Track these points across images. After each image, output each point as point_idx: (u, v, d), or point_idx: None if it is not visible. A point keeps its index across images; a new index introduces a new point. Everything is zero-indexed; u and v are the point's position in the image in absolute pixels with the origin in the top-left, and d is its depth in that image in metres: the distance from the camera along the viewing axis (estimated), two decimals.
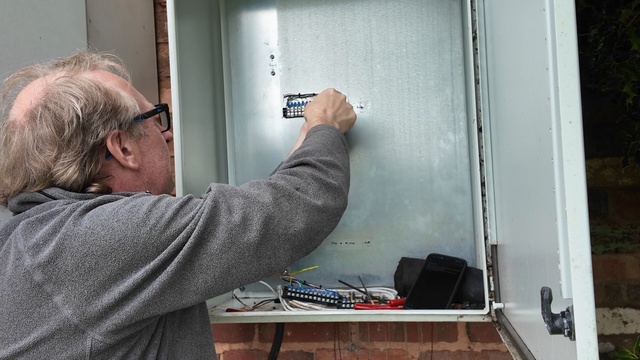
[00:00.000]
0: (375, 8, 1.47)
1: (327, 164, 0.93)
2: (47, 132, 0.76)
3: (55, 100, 0.77)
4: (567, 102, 0.62)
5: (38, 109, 0.77)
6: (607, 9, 1.16)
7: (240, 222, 0.75)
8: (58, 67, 0.83)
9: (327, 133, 1.07)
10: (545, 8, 0.66)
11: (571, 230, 0.61)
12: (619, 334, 1.47)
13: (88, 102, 0.78)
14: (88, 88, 0.79)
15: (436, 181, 1.45)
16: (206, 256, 0.72)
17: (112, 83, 0.84)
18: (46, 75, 0.82)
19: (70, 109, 0.77)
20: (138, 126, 0.85)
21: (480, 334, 1.49)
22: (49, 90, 0.78)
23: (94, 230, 0.68)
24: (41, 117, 0.76)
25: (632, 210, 1.46)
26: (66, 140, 0.76)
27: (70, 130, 0.76)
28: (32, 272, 0.67)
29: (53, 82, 0.80)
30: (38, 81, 0.81)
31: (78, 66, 0.83)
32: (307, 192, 0.84)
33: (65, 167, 0.76)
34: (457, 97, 1.44)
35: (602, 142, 1.46)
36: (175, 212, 0.72)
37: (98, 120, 0.79)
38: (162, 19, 1.63)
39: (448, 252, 1.43)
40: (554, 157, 0.65)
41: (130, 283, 0.68)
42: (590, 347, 0.60)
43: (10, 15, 1.11)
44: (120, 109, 0.82)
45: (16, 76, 0.84)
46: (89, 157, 0.78)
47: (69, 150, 0.76)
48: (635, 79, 1.11)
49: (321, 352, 1.56)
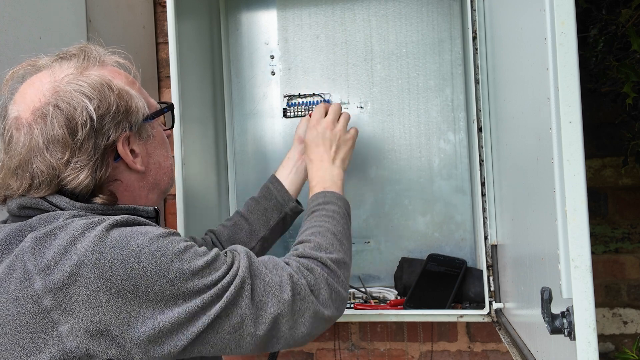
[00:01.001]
0: (375, 8, 1.47)
1: (338, 264, 0.89)
2: (59, 134, 0.72)
3: (67, 100, 0.73)
4: (567, 102, 0.62)
5: (48, 109, 0.73)
6: (607, 9, 1.16)
7: (255, 311, 0.73)
8: (64, 61, 0.79)
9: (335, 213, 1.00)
10: (545, 8, 0.66)
11: (571, 230, 0.61)
12: (619, 334, 1.47)
13: (101, 103, 0.75)
14: (100, 88, 0.76)
15: (436, 181, 1.45)
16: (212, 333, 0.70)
17: (122, 82, 0.81)
18: (53, 68, 0.77)
19: (84, 111, 0.73)
20: (146, 127, 0.83)
21: (480, 334, 1.49)
22: (59, 88, 0.74)
23: (112, 266, 0.65)
24: (52, 118, 0.72)
25: (632, 210, 1.46)
26: (79, 143, 0.73)
27: (83, 132, 0.73)
28: (42, 296, 0.65)
29: (62, 78, 0.76)
30: (44, 75, 0.77)
31: (86, 61, 0.79)
32: (319, 297, 0.81)
33: (77, 172, 0.73)
34: (457, 97, 1.44)
35: (602, 142, 1.46)
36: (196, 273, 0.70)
37: (110, 123, 0.76)
38: (162, 19, 1.63)
39: (448, 252, 1.43)
40: (554, 157, 0.65)
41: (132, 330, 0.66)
42: (590, 347, 0.60)
43: (10, 15, 1.11)
44: (132, 110, 0.79)
45: (20, 68, 0.80)
46: (100, 161, 0.75)
47: (80, 154, 0.73)
48: (635, 79, 1.11)
49: (321, 352, 1.56)
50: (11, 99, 0.77)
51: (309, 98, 1.50)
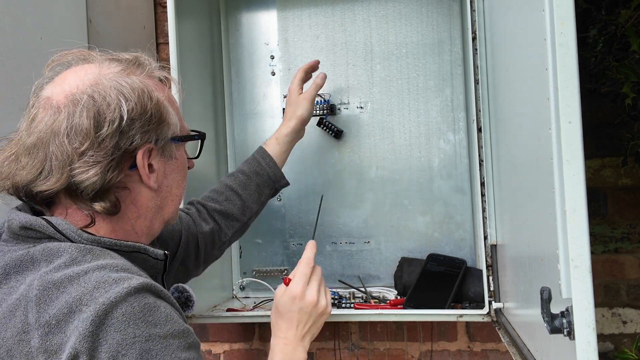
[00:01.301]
0: (375, 8, 1.48)
1: None
2: (85, 124, 0.70)
3: (103, 94, 0.72)
4: (566, 102, 0.62)
5: (83, 97, 0.71)
6: (607, 10, 1.16)
7: None
8: (114, 61, 0.78)
9: None
10: (544, 8, 0.66)
11: (571, 230, 0.61)
12: (619, 333, 1.47)
13: (136, 106, 0.73)
14: (140, 92, 0.74)
15: (436, 181, 1.45)
16: None
17: (163, 96, 0.79)
18: (101, 64, 0.76)
19: (117, 108, 0.71)
20: (171, 147, 0.81)
21: (480, 333, 1.50)
22: (100, 81, 0.73)
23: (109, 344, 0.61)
24: (83, 106, 0.70)
25: (632, 210, 1.46)
26: (100, 138, 0.71)
27: (108, 129, 0.71)
28: (36, 356, 0.62)
29: (105, 73, 0.74)
30: (90, 67, 0.76)
31: (135, 67, 0.78)
32: None
33: (88, 167, 0.70)
34: (456, 98, 1.44)
35: (601, 142, 1.46)
36: None
37: (138, 128, 0.73)
38: (162, 19, 1.63)
39: (448, 252, 1.43)
40: (554, 157, 0.65)
41: None
42: (590, 347, 0.60)
43: (10, 15, 1.11)
44: (164, 124, 0.77)
45: (69, 54, 0.78)
46: (115, 163, 0.72)
47: (99, 150, 0.71)
48: (635, 79, 1.11)
49: (321, 351, 1.57)
50: (50, 80, 0.76)
51: None
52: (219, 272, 1.48)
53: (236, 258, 1.55)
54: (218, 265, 1.48)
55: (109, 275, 0.65)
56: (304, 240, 1.52)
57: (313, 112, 1.29)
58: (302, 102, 1.26)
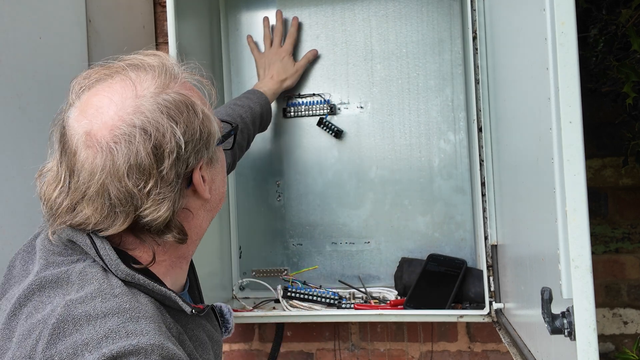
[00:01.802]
0: (375, 8, 1.47)
1: None
2: (146, 162, 0.66)
3: (155, 125, 0.66)
4: (567, 102, 0.62)
5: (134, 132, 0.66)
6: (607, 9, 1.16)
7: None
8: (141, 71, 0.71)
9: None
10: (545, 8, 0.65)
11: (571, 230, 0.61)
12: (619, 334, 1.47)
13: (187, 128, 0.69)
14: (186, 111, 0.70)
15: (436, 181, 1.45)
16: None
17: (200, 102, 0.74)
18: (131, 79, 0.70)
19: (172, 137, 0.67)
20: (216, 152, 0.77)
21: (481, 334, 1.49)
22: (144, 107, 0.67)
23: None
24: (139, 142, 0.65)
25: (632, 210, 1.45)
26: (163, 172, 0.67)
27: (169, 161, 0.67)
28: None
29: (143, 94, 0.68)
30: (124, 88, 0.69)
31: (166, 77, 0.72)
32: None
33: (158, 204, 0.67)
34: (457, 97, 1.44)
35: (602, 142, 1.46)
36: None
37: (192, 150, 0.70)
38: (162, 19, 1.63)
39: (448, 252, 1.43)
40: (554, 157, 0.65)
41: None
42: (591, 347, 0.60)
43: (10, 15, 1.11)
44: (210, 137, 0.73)
45: (92, 73, 0.72)
46: (179, 192, 0.69)
47: (163, 185, 0.67)
48: (636, 79, 1.10)
49: (321, 352, 1.56)
50: (75, 107, 0.70)
51: (309, 98, 1.50)
52: (219, 272, 1.48)
53: (236, 258, 1.55)
54: (218, 266, 1.48)
55: (125, 325, 0.63)
56: (303, 241, 1.52)
57: None
58: (295, 75, 1.44)
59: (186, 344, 0.73)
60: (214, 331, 0.84)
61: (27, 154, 1.12)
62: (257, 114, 1.30)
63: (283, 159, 1.53)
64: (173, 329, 0.71)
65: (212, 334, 0.82)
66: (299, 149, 1.52)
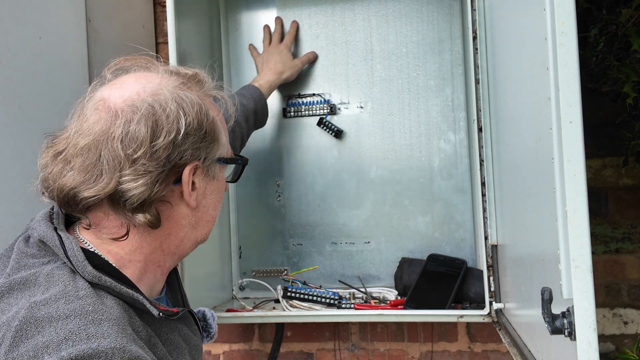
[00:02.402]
0: (375, 8, 1.47)
1: None
2: (142, 132, 0.70)
3: (164, 105, 0.71)
4: (567, 102, 0.62)
5: (143, 104, 0.71)
6: (608, 9, 1.16)
7: None
8: (174, 74, 0.78)
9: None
10: (545, 8, 0.65)
11: (571, 230, 0.61)
12: (620, 334, 1.47)
13: (193, 121, 0.73)
14: (199, 109, 0.75)
15: (436, 181, 1.45)
16: None
17: (217, 116, 0.79)
18: (162, 74, 0.76)
19: (175, 121, 0.71)
20: (216, 167, 0.80)
21: (481, 334, 1.49)
22: (161, 91, 0.73)
23: None
24: (142, 114, 0.70)
25: (633, 210, 1.45)
26: (155, 148, 0.70)
27: (164, 140, 0.70)
28: None
29: (166, 83, 0.74)
30: (152, 75, 0.76)
31: (193, 83, 0.78)
32: None
33: (138, 175, 0.69)
34: (457, 97, 1.44)
35: (602, 142, 1.46)
36: None
37: (191, 144, 0.73)
38: (162, 19, 1.63)
39: (448, 252, 1.43)
40: (555, 157, 0.65)
41: None
42: (591, 348, 0.60)
43: (10, 15, 1.11)
44: (215, 143, 0.77)
45: (132, 59, 0.78)
46: (163, 176, 0.71)
47: (151, 160, 0.70)
48: (636, 79, 1.10)
49: (321, 352, 1.56)
50: (108, 82, 0.75)
51: (309, 98, 1.50)
52: (218, 272, 1.48)
53: (236, 258, 1.55)
54: (218, 266, 1.48)
55: (86, 328, 0.63)
56: (303, 241, 1.52)
57: None
58: (294, 68, 1.44)
59: (158, 347, 0.73)
60: (192, 335, 0.84)
61: (27, 154, 1.12)
62: (251, 110, 1.30)
63: (283, 159, 1.53)
64: (142, 331, 0.71)
65: (189, 337, 0.82)
66: (299, 149, 1.52)
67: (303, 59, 1.47)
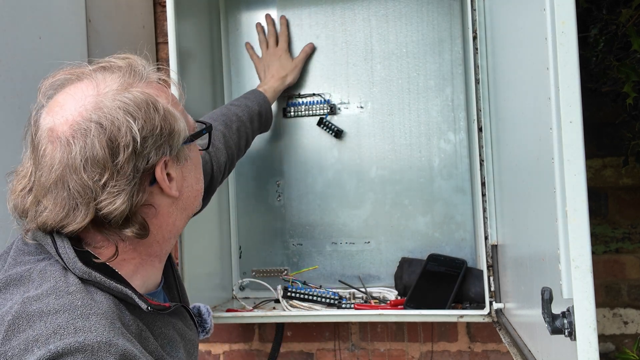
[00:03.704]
0: (375, 8, 1.47)
1: None
2: (99, 155, 0.68)
3: (111, 119, 0.69)
4: (567, 101, 0.62)
5: (90, 125, 0.68)
6: (608, 9, 1.16)
7: None
8: (108, 72, 0.74)
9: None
10: (545, 8, 0.65)
11: (572, 230, 0.61)
12: (620, 334, 1.47)
13: (145, 124, 0.71)
14: (146, 107, 0.72)
15: (436, 181, 1.45)
16: None
17: (166, 101, 0.76)
18: (96, 80, 0.73)
19: (128, 132, 0.69)
20: (184, 150, 0.79)
21: (481, 334, 1.49)
22: (103, 104, 0.70)
23: None
24: (93, 136, 0.68)
25: (633, 210, 1.45)
26: (118, 166, 0.69)
27: (124, 155, 0.69)
28: None
29: (105, 92, 0.71)
30: (87, 86, 0.72)
31: (132, 77, 0.75)
32: None
33: (114, 197, 0.69)
34: (457, 97, 1.44)
35: (602, 142, 1.46)
36: None
37: (152, 146, 0.72)
38: (162, 19, 1.63)
39: (448, 252, 1.43)
40: (555, 157, 0.65)
41: None
42: (591, 348, 0.60)
43: (10, 15, 1.11)
44: (174, 133, 0.75)
45: (60, 75, 0.75)
46: (137, 186, 0.71)
47: (119, 178, 0.69)
48: (636, 79, 1.10)
49: (321, 352, 1.56)
50: (45, 107, 0.73)
51: (309, 98, 1.50)
52: (218, 272, 1.48)
53: (236, 258, 1.55)
54: (218, 266, 1.48)
55: (74, 322, 0.64)
56: (303, 241, 1.52)
57: None
58: (295, 70, 1.46)
59: (149, 341, 0.74)
60: (188, 330, 0.85)
61: None
62: (255, 112, 1.30)
63: (283, 159, 1.53)
64: (132, 325, 0.71)
65: (184, 332, 0.83)
66: (299, 149, 1.52)
67: (301, 56, 1.48)
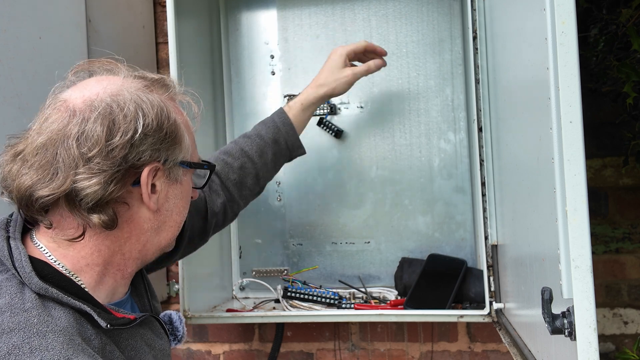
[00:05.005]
0: (375, 8, 1.47)
1: None
2: (97, 131, 0.69)
3: (122, 105, 0.71)
4: (567, 101, 0.62)
5: (101, 104, 0.70)
6: (608, 9, 1.16)
7: None
8: (139, 78, 0.78)
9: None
10: (545, 8, 0.65)
11: (572, 230, 0.61)
12: (620, 334, 1.47)
13: (152, 122, 0.72)
14: (159, 110, 0.74)
15: (436, 181, 1.45)
16: None
17: (181, 120, 0.79)
18: (126, 77, 0.76)
19: (132, 122, 0.71)
20: (179, 171, 0.79)
21: (481, 334, 1.49)
22: (121, 93, 0.72)
23: None
24: (99, 113, 0.70)
25: (633, 210, 1.45)
26: (110, 147, 0.69)
27: (120, 140, 0.70)
28: None
29: (128, 86, 0.74)
30: (115, 78, 0.76)
31: (159, 88, 0.78)
32: None
33: (92, 174, 0.68)
34: (457, 97, 1.44)
35: (602, 142, 1.46)
36: None
37: (150, 145, 0.72)
38: (162, 18, 1.63)
39: (448, 252, 1.43)
40: (555, 157, 0.65)
41: None
42: (591, 348, 0.60)
43: (10, 15, 1.11)
44: (176, 145, 0.76)
45: (96, 62, 0.78)
46: (119, 176, 0.70)
47: (106, 159, 0.69)
48: (636, 79, 1.10)
49: (321, 352, 1.56)
50: (71, 85, 0.76)
51: None
52: (218, 272, 1.48)
53: (236, 258, 1.55)
54: (218, 266, 1.48)
55: (30, 341, 0.63)
56: (303, 241, 1.52)
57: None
58: (345, 79, 1.19)
59: (114, 354, 0.72)
60: (158, 339, 0.83)
61: None
62: (268, 142, 1.16)
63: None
64: (95, 340, 0.69)
65: (153, 342, 0.81)
66: None
67: (358, 69, 1.22)
